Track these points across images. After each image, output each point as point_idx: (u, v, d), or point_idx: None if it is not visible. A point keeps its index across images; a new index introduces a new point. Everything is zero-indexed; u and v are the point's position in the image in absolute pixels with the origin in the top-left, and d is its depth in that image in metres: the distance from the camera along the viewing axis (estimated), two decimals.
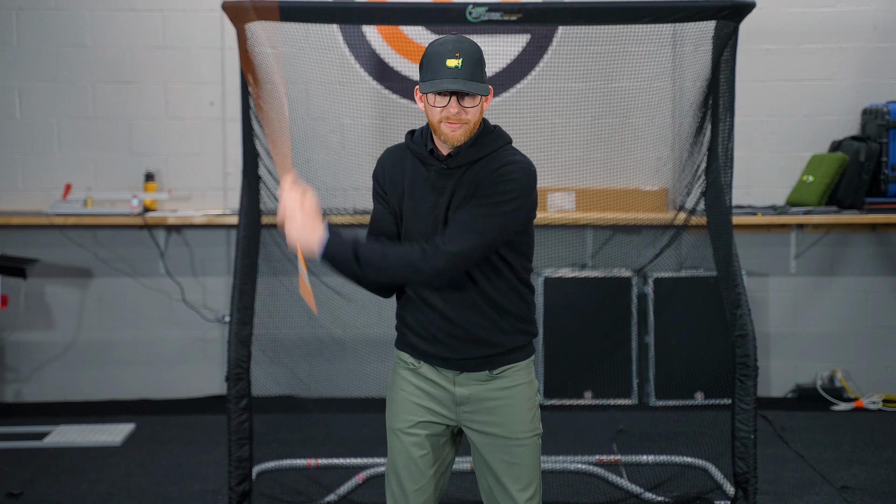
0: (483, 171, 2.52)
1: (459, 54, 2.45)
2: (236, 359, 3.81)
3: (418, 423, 2.65)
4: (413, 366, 2.67)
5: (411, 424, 2.65)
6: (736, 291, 3.89)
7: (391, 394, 2.72)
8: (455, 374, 2.63)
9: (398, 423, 2.67)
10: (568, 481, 4.35)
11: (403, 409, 2.67)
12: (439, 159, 2.55)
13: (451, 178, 2.54)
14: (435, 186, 2.56)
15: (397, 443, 2.67)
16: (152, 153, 5.70)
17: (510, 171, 2.50)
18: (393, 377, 2.73)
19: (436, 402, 2.65)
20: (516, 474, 2.63)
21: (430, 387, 2.65)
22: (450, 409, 2.65)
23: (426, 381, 2.66)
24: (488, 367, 2.62)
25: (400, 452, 2.67)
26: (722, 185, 4.07)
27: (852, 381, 5.78)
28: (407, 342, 2.68)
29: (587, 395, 5.49)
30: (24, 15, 5.61)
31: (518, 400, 2.64)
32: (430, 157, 2.56)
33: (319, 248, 2.46)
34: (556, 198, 5.39)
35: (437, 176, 2.56)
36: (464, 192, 2.53)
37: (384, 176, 2.65)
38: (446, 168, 2.54)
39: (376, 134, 5.36)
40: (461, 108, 2.47)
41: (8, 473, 4.54)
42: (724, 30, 3.93)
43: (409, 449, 2.65)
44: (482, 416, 2.63)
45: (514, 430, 2.62)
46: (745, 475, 3.82)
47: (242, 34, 3.88)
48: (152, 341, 5.78)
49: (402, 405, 2.68)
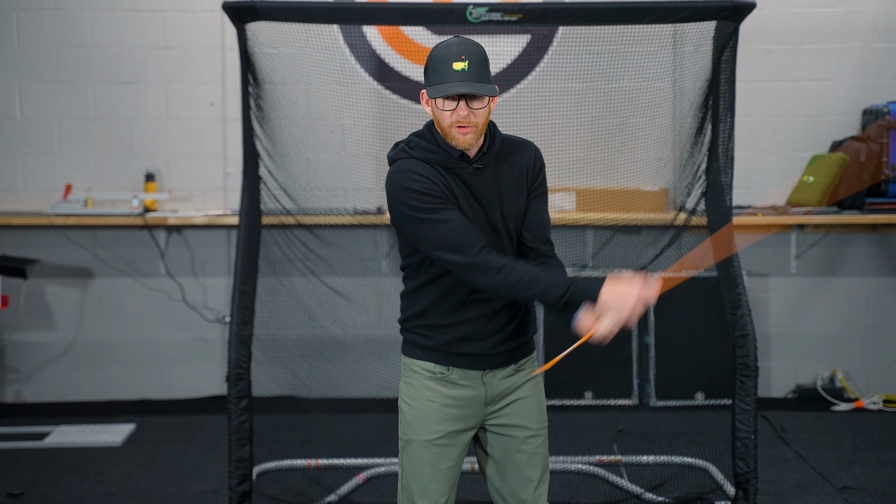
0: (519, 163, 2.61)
1: (465, 56, 2.46)
2: (237, 359, 3.81)
3: (448, 432, 2.63)
4: (441, 374, 2.63)
5: (441, 435, 2.63)
6: (736, 292, 3.89)
7: (414, 406, 2.65)
8: (482, 373, 2.63)
9: (427, 435, 2.62)
10: (568, 481, 4.35)
11: (432, 419, 2.62)
12: (468, 161, 2.56)
13: (484, 177, 2.57)
14: (473, 189, 2.56)
15: (425, 455, 2.63)
16: (153, 153, 5.70)
17: (542, 158, 2.67)
18: (411, 390, 2.66)
19: (466, 408, 2.64)
20: (537, 464, 2.68)
21: (462, 391, 2.63)
22: (479, 411, 2.65)
23: (456, 386, 2.63)
24: (514, 360, 2.66)
25: (428, 464, 2.63)
26: (722, 185, 4.07)
27: (853, 382, 5.78)
28: (433, 349, 2.63)
29: (588, 396, 5.49)
30: (25, 15, 5.61)
31: (536, 390, 2.71)
32: (459, 161, 2.55)
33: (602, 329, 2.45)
34: (556, 198, 5.38)
35: (469, 178, 2.56)
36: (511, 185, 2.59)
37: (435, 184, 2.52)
38: (481, 167, 2.57)
39: (377, 134, 5.36)
40: (470, 110, 2.48)
41: (8, 474, 4.54)
42: (724, 30, 3.93)
43: (438, 460, 2.63)
44: (509, 409, 2.66)
45: (535, 420, 2.69)
46: (746, 475, 3.82)
47: (243, 35, 3.89)
48: (153, 341, 5.78)
49: (430, 416, 2.63)
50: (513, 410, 2.66)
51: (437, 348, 2.62)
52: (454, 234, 2.47)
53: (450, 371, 2.62)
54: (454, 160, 2.54)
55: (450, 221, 2.48)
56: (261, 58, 4.03)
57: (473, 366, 2.62)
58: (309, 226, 4.73)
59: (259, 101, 4.11)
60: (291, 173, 4.45)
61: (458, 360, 2.62)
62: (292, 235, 4.57)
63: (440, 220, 2.47)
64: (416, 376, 2.66)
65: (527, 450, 2.67)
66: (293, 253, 4.59)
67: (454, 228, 2.47)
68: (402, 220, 2.54)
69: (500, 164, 2.60)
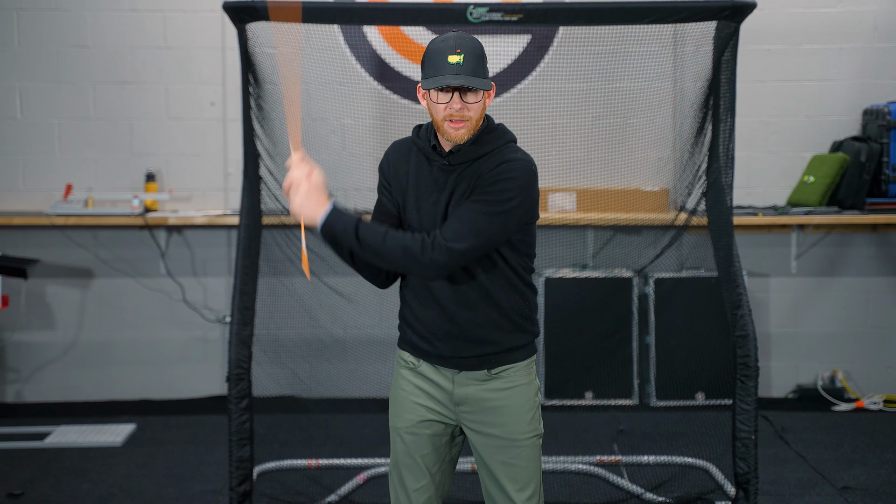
0: (483, 168, 2.51)
1: (461, 50, 2.45)
2: (237, 359, 3.81)
3: (419, 422, 2.66)
4: (413, 364, 2.67)
5: (412, 423, 2.66)
6: (737, 292, 3.89)
7: (393, 393, 2.73)
8: (454, 373, 2.63)
9: (399, 423, 2.68)
10: (569, 482, 4.35)
11: (404, 408, 2.68)
12: (441, 155, 2.55)
13: (452, 174, 2.55)
14: (437, 182, 2.56)
15: (399, 442, 2.68)
16: (153, 153, 5.70)
17: (509, 168, 2.49)
18: (395, 377, 2.74)
19: (435, 402, 2.65)
20: (514, 475, 2.62)
21: (430, 386, 2.65)
22: (449, 408, 2.65)
23: (425, 380, 2.66)
24: (487, 367, 2.61)
25: (402, 452, 2.68)
26: (723, 185, 4.07)
27: (853, 382, 5.78)
28: (407, 341, 2.69)
29: (588, 396, 5.49)
30: (25, 15, 5.61)
31: (517, 401, 2.63)
32: (433, 152, 2.56)
33: (321, 218, 2.49)
34: (556, 198, 5.39)
35: (439, 171, 2.56)
36: (463, 188, 2.53)
37: (389, 168, 2.65)
38: (448, 164, 2.54)
39: (377, 134, 5.36)
40: (464, 103, 2.46)
41: (9, 474, 4.54)
42: (724, 30, 3.92)
43: (411, 448, 2.66)
44: (480, 416, 2.63)
45: (511, 430, 2.61)
46: (746, 475, 3.82)
47: (243, 35, 3.89)
48: (153, 342, 5.78)
49: (403, 404, 2.68)
50: (489, 419, 2.62)
51: (410, 341, 2.68)
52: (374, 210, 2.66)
53: (419, 363, 2.66)
54: (428, 150, 2.56)
55: (375, 209, 2.66)
56: (261, 58, 4.03)
57: (439, 363, 2.63)
58: (309, 226, 4.72)
59: (259, 101, 4.11)
60: None
61: (425, 356, 2.65)
62: (293, 235, 4.57)
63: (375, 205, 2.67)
64: (397, 365, 2.73)
65: (503, 459, 2.62)
66: (293, 253, 4.59)
67: (373, 215, 2.66)
68: None
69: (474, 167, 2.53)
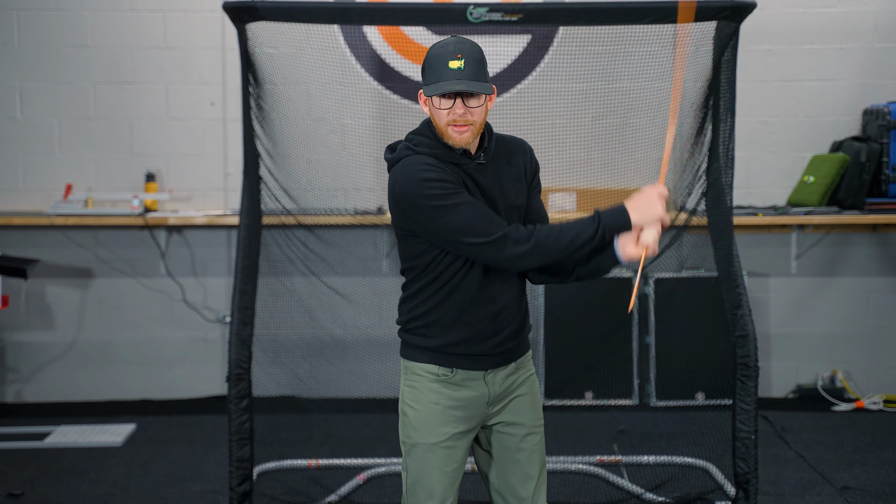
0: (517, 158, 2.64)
1: (461, 55, 2.46)
2: (237, 359, 3.81)
3: (453, 434, 2.62)
4: (445, 376, 2.61)
5: (446, 437, 2.61)
6: (737, 292, 3.89)
7: (418, 409, 2.63)
8: (482, 373, 2.62)
9: (432, 438, 2.61)
10: (569, 482, 4.35)
11: (437, 422, 2.61)
12: (470, 157, 2.57)
13: (487, 172, 2.58)
14: (479, 183, 2.57)
15: (431, 458, 2.61)
16: (153, 153, 5.70)
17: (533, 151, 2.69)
18: (415, 393, 2.64)
19: (470, 409, 2.63)
20: (536, 462, 2.68)
21: (465, 392, 2.62)
22: (482, 411, 2.65)
23: (460, 388, 2.62)
24: (515, 358, 2.66)
25: (435, 467, 2.61)
26: (723, 185, 4.07)
27: (853, 382, 5.78)
28: (435, 350, 2.61)
29: (588, 396, 5.49)
30: (25, 15, 5.61)
31: (533, 388, 2.72)
32: (463, 158, 2.55)
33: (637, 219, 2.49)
34: (557, 198, 5.39)
35: (474, 173, 2.57)
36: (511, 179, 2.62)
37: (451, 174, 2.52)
38: (483, 163, 2.58)
39: (377, 134, 5.36)
40: (467, 108, 2.47)
41: (9, 474, 4.54)
42: (725, 30, 3.92)
43: (444, 462, 2.61)
44: (510, 407, 2.67)
45: (533, 417, 2.69)
46: (746, 475, 3.82)
47: (243, 35, 3.89)
48: (153, 342, 5.78)
49: (435, 419, 2.61)
50: (512, 408, 2.67)
51: (439, 349, 2.61)
52: (478, 215, 2.47)
53: (454, 373, 2.61)
54: (457, 156, 2.54)
55: (470, 203, 2.47)
56: (261, 58, 4.03)
57: (476, 366, 2.61)
58: (309, 226, 4.72)
59: (259, 101, 4.11)
60: (292, 173, 4.45)
61: (461, 362, 2.60)
62: (293, 235, 4.57)
63: (461, 203, 2.46)
64: (419, 379, 2.64)
65: (526, 447, 2.67)
66: (293, 253, 4.59)
67: (477, 210, 2.47)
68: (419, 212, 2.49)
69: (497, 161, 2.61)
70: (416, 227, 2.53)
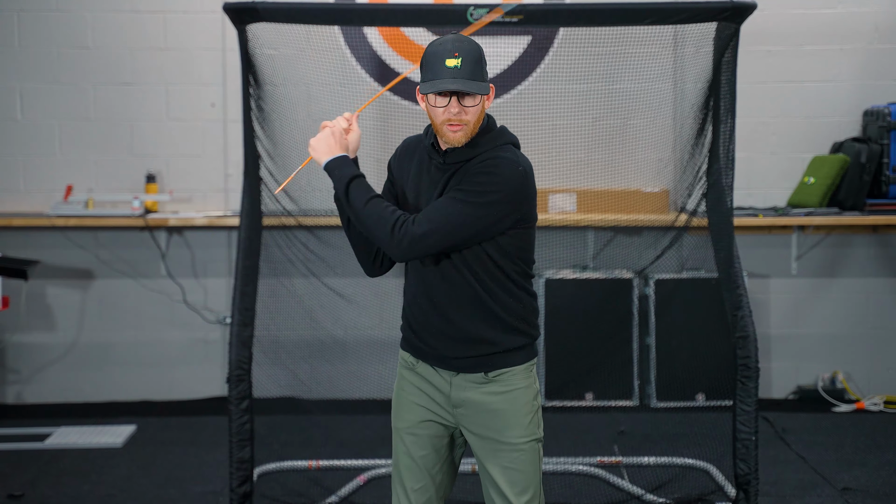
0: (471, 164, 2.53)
1: (458, 54, 2.46)
2: (237, 360, 3.81)
3: (418, 422, 2.66)
4: (412, 364, 2.69)
5: (412, 424, 2.67)
6: (737, 293, 3.89)
7: (395, 393, 2.75)
8: (451, 375, 2.62)
9: (400, 423, 2.70)
10: (569, 483, 4.35)
11: (405, 408, 2.69)
12: (438, 153, 2.57)
13: (447, 172, 2.56)
14: (433, 180, 2.58)
15: (400, 443, 2.70)
16: (153, 154, 5.70)
17: (493, 164, 2.49)
18: (397, 380, 2.75)
19: (434, 403, 2.66)
20: (512, 479, 2.60)
21: (428, 387, 2.66)
22: (447, 410, 2.65)
23: (424, 380, 2.67)
24: (484, 369, 2.59)
25: (402, 452, 2.69)
26: (723, 186, 4.07)
27: (853, 383, 5.78)
28: (408, 340, 2.70)
29: (588, 397, 5.48)
30: (26, 16, 5.61)
31: (515, 405, 2.60)
32: (431, 150, 2.59)
33: (327, 159, 2.59)
34: (557, 199, 5.39)
35: (436, 170, 2.58)
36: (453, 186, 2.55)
37: (395, 164, 2.71)
38: (443, 163, 2.56)
39: (377, 135, 5.35)
40: (461, 107, 2.47)
41: (9, 475, 4.54)
42: (725, 31, 3.92)
43: (410, 448, 2.67)
44: (478, 419, 2.61)
45: (509, 435, 2.59)
46: (747, 477, 3.82)
47: (244, 36, 3.89)
48: (153, 343, 5.78)
49: (403, 405, 2.70)
50: (487, 422, 2.60)
51: (409, 341, 2.69)
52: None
53: (417, 363, 2.67)
54: (429, 148, 2.59)
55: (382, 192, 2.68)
56: (261, 59, 4.03)
57: (438, 364, 2.63)
58: (310, 227, 4.73)
59: (260, 102, 4.11)
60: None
61: (424, 355, 2.65)
62: (293, 236, 4.57)
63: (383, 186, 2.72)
64: (399, 366, 2.74)
65: (501, 463, 2.60)
66: (294, 254, 4.59)
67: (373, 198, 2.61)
68: None
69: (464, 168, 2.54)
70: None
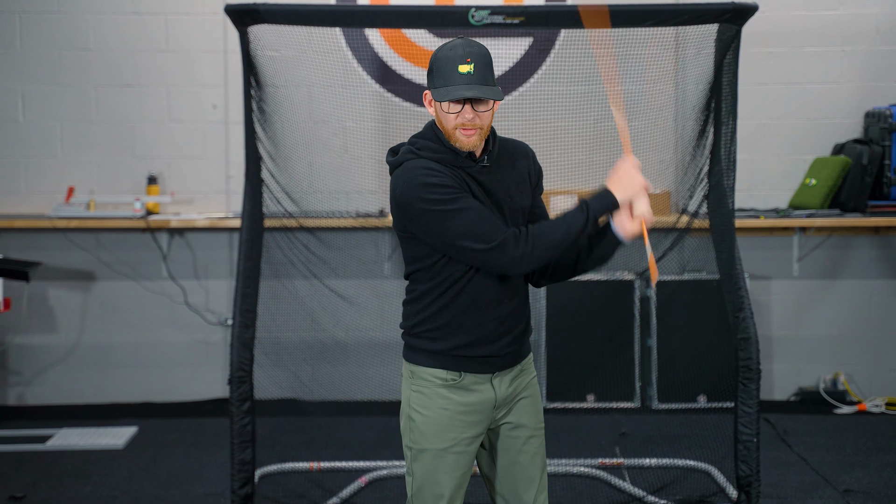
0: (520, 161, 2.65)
1: (471, 59, 2.46)
2: (239, 362, 3.81)
3: (462, 439, 2.61)
4: (453, 380, 2.59)
5: (456, 442, 2.60)
6: (738, 294, 3.89)
7: (426, 415, 2.60)
8: (491, 376, 2.62)
9: (441, 444, 2.59)
10: (571, 484, 4.35)
11: (447, 427, 2.59)
12: (475, 160, 2.57)
13: (491, 174, 2.58)
14: (483, 186, 2.57)
15: (440, 463, 2.60)
16: (155, 156, 5.71)
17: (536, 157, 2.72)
18: (423, 399, 2.61)
19: (479, 413, 2.62)
20: (538, 464, 2.70)
21: (474, 397, 2.61)
22: (489, 415, 2.64)
23: (468, 392, 2.60)
24: (519, 360, 2.67)
25: (444, 472, 2.60)
26: (724, 188, 4.07)
27: (855, 385, 5.77)
28: (442, 353, 2.59)
29: (590, 399, 5.48)
30: (27, 18, 5.62)
31: (536, 390, 2.74)
32: (468, 161, 2.55)
33: (622, 197, 2.54)
34: (558, 201, 5.38)
35: (479, 175, 2.57)
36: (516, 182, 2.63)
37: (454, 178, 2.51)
38: (488, 166, 2.58)
39: (379, 137, 5.36)
40: (476, 113, 2.48)
41: (10, 476, 4.54)
42: (726, 33, 3.92)
43: (454, 467, 2.61)
44: (515, 409, 2.67)
45: (535, 420, 2.71)
46: (748, 478, 3.82)
47: (245, 37, 3.89)
48: (155, 344, 5.78)
49: (444, 424, 2.59)
50: (517, 410, 2.68)
51: (446, 352, 2.58)
52: (480, 220, 2.46)
53: (461, 377, 2.59)
54: (462, 159, 2.54)
55: (473, 209, 2.46)
56: (263, 61, 4.03)
57: (484, 369, 2.60)
58: (311, 228, 4.73)
59: (261, 103, 4.12)
60: (293, 176, 4.45)
61: (468, 365, 2.59)
62: (294, 238, 4.57)
63: (464, 209, 2.45)
64: (427, 385, 2.61)
65: (529, 450, 2.68)
66: (295, 256, 4.59)
67: (479, 215, 2.46)
68: (420, 217, 2.48)
69: (501, 164, 2.62)
70: (417, 231, 2.52)
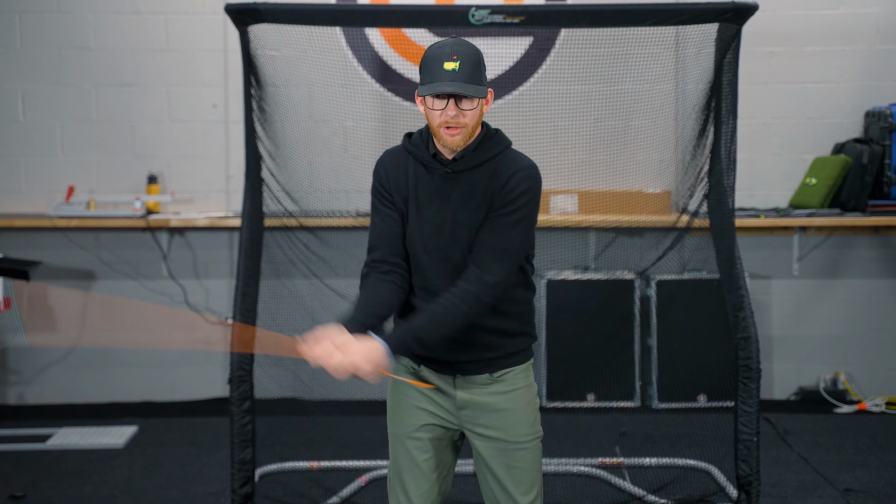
0: (494, 180, 2.51)
1: (457, 57, 2.45)
2: (239, 361, 3.81)
3: (421, 426, 2.65)
4: (413, 370, 2.66)
5: (415, 429, 2.65)
6: (739, 294, 3.89)
7: (393, 399, 2.71)
8: (453, 377, 2.62)
9: (401, 428, 2.67)
10: (571, 484, 4.35)
11: (406, 413, 2.66)
12: (443, 163, 2.54)
13: (457, 182, 2.53)
14: (439, 190, 2.54)
15: (401, 448, 2.67)
16: (155, 156, 5.71)
17: (521, 179, 2.51)
18: (393, 382, 2.71)
19: (437, 406, 2.64)
20: (518, 478, 2.62)
21: (431, 390, 2.64)
22: (451, 412, 2.64)
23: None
24: (489, 371, 2.61)
25: (404, 457, 2.66)
26: (725, 187, 4.07)
27: (855, 384, 5.77)
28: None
29: (590, 398, 5.48)
30: (27, 18, 5.62)
31: (518, 403, 2.64)
32: (433, 161, 2.55)
33: (388, 359, 2.41)
34: (558, 200, 5.39)
35: (440, 180, 2.55)
36: (469, 195, 2.52)
37: (388, 178, 2.61)
38: (451, 172, 2.53)
39: (379, 136, 5.36)
40: (459, 110, 2.46)
41: (11, 476, 4.54)
42: (726, 32, 3.92)
43: (413, 453, 2.65)
44: (483, 419, 2.62)
45: (514, 433, 2.62)
46: (748, 478, 3.82)
47: (246, 37, 3.89)
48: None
49: (404, 409, 2.67)
50: (492, 422, 2.61)
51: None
52: (373, 235, 2.63)
53: (419, 368, 2.65)
54: (428, 158, 2.55)
55: (374, 223, 2.63)
56: (263, 60, 4.03)
57: (440, 369, 2.62)
58: (311, 228, 4.73)
59: (261, 103, 4.11)
60: (294, 175, 4.45)
61: (426, 361, 2.63)
62: (294, 237, 4.57)
63: (373, 216, 2.65)
64: (396, 370, 2.69)
65: (507, 462, 2.62)
66: (295, 255, 4.59)
67: (373, 229, 2.63)
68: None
69: (477, 174, 2.53)
70: None
